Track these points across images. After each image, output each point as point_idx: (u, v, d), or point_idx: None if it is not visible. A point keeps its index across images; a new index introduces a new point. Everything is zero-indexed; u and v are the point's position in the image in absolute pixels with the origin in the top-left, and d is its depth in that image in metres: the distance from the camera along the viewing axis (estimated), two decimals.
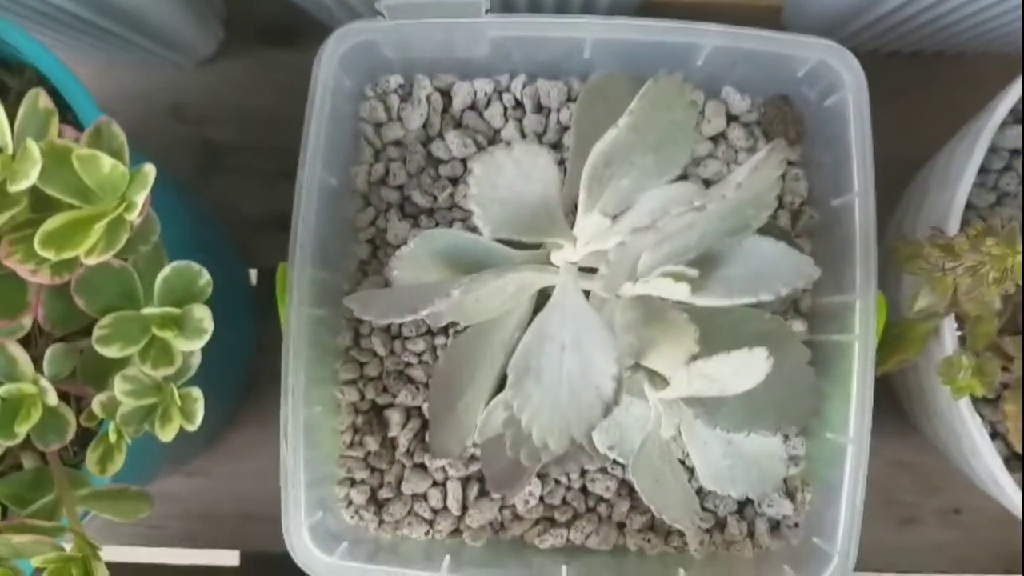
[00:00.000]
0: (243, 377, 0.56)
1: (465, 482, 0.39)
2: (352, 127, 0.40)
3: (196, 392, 0.32)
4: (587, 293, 0.29)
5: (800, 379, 0.31)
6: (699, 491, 0.39)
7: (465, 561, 0.38)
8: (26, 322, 0.30)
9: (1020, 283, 0.32)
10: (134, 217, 0.28)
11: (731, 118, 0.41)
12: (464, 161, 0.40)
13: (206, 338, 0.31)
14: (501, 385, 0.35)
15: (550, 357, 0.26)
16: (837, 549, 0.36)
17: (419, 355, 0.39)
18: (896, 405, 0.53)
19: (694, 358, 0.27)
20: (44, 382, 0.30)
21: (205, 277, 0.31)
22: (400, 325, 0.40)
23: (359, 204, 0.40)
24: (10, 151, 0.27)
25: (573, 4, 0.40)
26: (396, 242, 0.38)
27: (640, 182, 0.27)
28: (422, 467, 0.40)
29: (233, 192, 0.56)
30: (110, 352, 0.30)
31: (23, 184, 0.26)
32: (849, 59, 0.37)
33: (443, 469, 0.39)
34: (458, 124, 0.40)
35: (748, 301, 0.25)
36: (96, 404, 0.31)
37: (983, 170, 0.40)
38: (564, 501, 0.39)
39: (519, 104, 0.40)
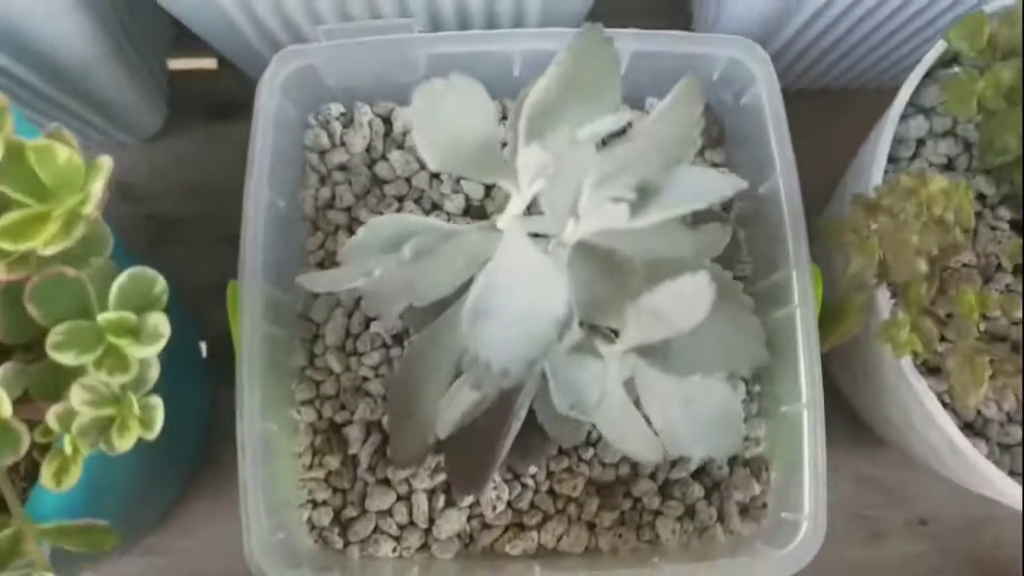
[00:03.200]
0: (200, 446, 0.55)
1: (431, 494, 0.39)
2: (297, 155, 0.41)
3: (155, 400, 0.31)
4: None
5: (746, 324, 0.33)
6: (666, 482, 0.40)
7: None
8: None
9: (938, 220, 0.34)
10: (91, 208, 0.29)
11: None
12: (409, 180, 0.41)
13: (162, 343, 0.31)
14: (459, 375, 0.35)
15: (501, 298, 0.27)
16: (805, 515, 0.36)
17: (375, 368, 0.40)
18: (853, 422, 0.55)
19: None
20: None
21: (161, 284, 0.31)
22: (356, 340, 0.40)
23: (308, 228, 0.41)
24: None
25: (503, 22, 0.43)
26: None
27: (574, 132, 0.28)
28: (385, 482, 0.39)
29: (182, 263, 0.56)
30: (65, 359, 0.29)
31: None
32: (758, 52, 0.40)
33: (407, 482, 0.39)
34: (400, 146, 0.42)
35: (683, 212, 0.27)
36: (51, 416, 0.30)
37: (893, 159, 0.43)
38: (532, 505, 0.39)
39: None
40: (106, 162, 0.29)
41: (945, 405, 0.41)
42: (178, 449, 0.53)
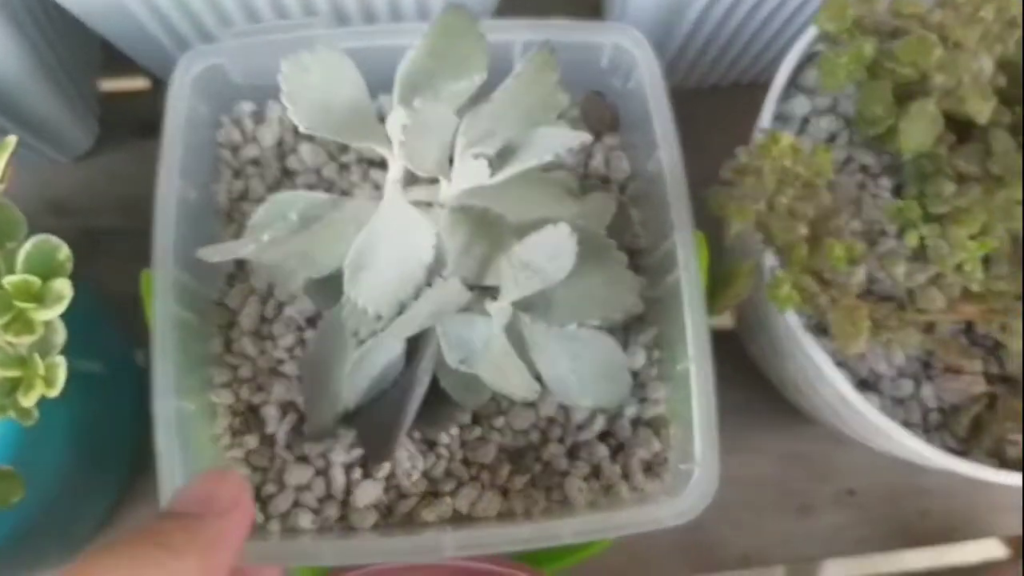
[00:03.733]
0: (134, 453, 0.55)
1: (348, 468, 0.40)
2: (210, 151, 0.43)
3: (59, 360, 0.33)
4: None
5: (619, 276, 0.35)
6: (574, 444, 0.41)
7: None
8: None
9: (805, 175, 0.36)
10: None
11: (559, 115, 0.46)
12: (318, 171, 0.43)
13: (64, 304, 0.32)
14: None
15: (377, 252, 0.29)
16: (696, 462, 0.37)
17: (290, 350, 0.41)
18: (776, 403, 0.57)
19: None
20: None
21: (64, 252, 0.33)
22: (271, 325, 0.41)
23: (222, 220, 0.43)
24: None
25: (407, 15, 0.46)
26: None
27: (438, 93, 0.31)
28: (303, 458, 0.40)
29: (115, 275, 0.57)
30: None
31: None
32: (636, 36, 0.43)
33: (324, 457, 0.40)
34: (311, 139, 0.44)
35: (535, 164, 0.29)
36: None
37: None
38: (447, 472, 0.40)
39: None
40: (11, 141, 0.31)
41: (840, 365, 0.43)
42: (113, 454, 0.54)
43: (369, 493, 0.39)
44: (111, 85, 0.63)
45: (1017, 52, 0.39)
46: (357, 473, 0.40)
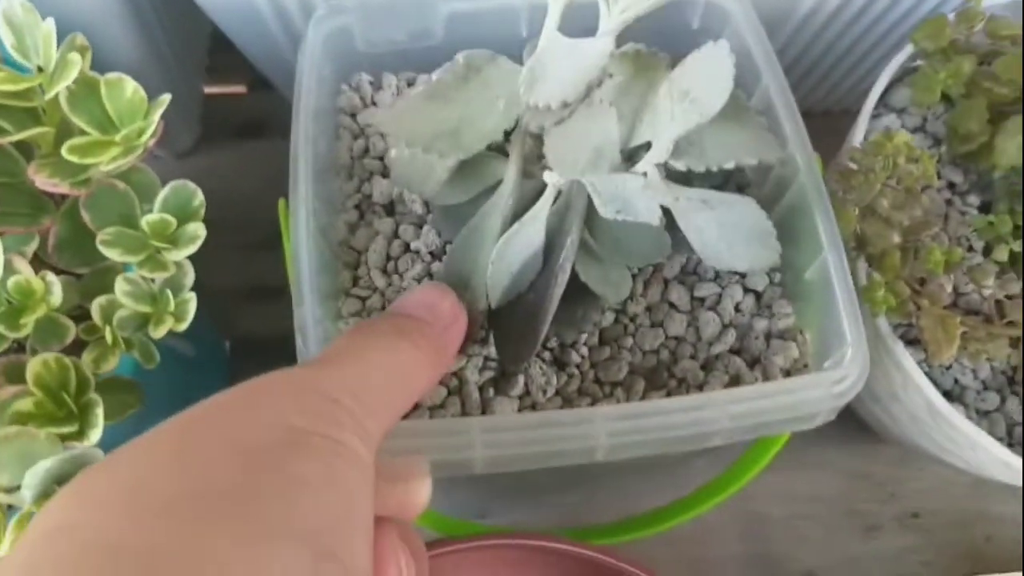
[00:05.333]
0: None
1: (481, 387, 0.39)
2: (332, 119, 0.45)
3: (189, 296, 0.35)
4: None
5: (761, 132, 0.37)
6: (707, 359, 0.41)
7: None
8: (36, 242, 0.33)
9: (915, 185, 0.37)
10: (148, 136, 0.32)
11: None
12: None
13: (197, 245, 0.34)
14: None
15: (550, 68, 0.31)
16: (848, 343, 0.37)
17: (418, 280, 0.41)
18: (846, 421, 0.57)
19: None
20: (51, 276, 0.32)
21: (199, 198, 0.35)
22: (396, 262, 0.42)
23: (344, 176, 0.44)
24: (51, 70, 0.32)
25: None
26: (382, 200, 0.42)
27: None
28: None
29: (210, 266, 0.60)
30: (112, 254, 0.32)
31: (60, 85, 0.30)
32: None
33: (457, 376, 0.39)
34: None
35: None
36: (95, 307, 0.33)
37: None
38: (580, 391, 0.40)
39: None
40: (166, 98, 0.33)
41: (924, 376, 0.43)
42: None
43: (505, 410, 0.39)
44: (212, 89, 0.66)
45: None
46: (490, 392, 0.39)
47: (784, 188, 0.41)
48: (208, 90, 0.66)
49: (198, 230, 0.34)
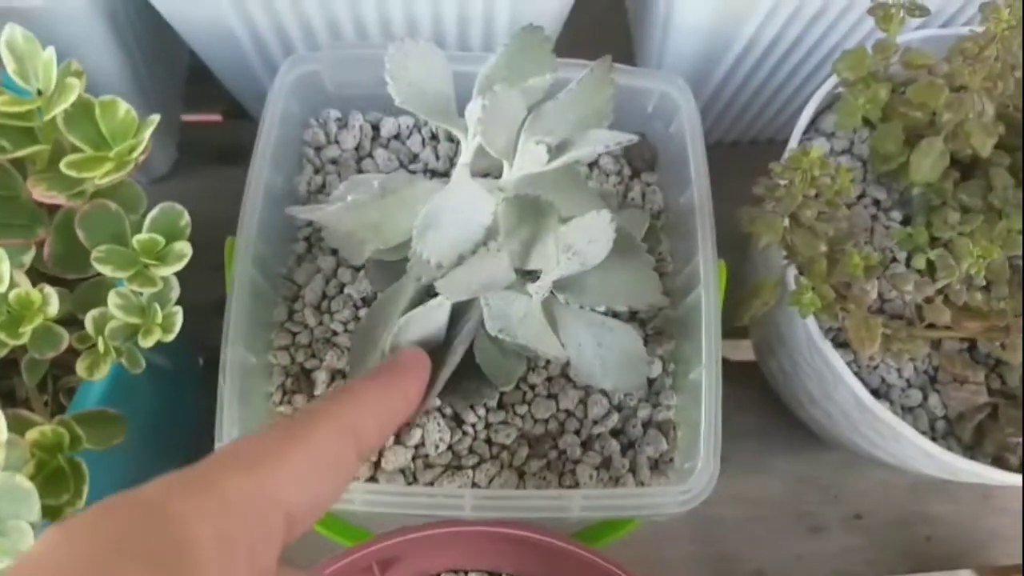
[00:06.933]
0: (189, 447, 0.59)
1: None
2: (297, 150, 0.49)
3: (176, 309, 0.37)
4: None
5: (646, 274, 0.40)
6: (589, 437, 0.45)
7: None
8: (33, 253, 0.36)
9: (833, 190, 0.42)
10: (139, 152, 0.35)
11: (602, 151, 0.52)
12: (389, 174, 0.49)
13: (184, 262, 0.37)
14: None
15: (444, 215, 0.34)
16: (700, 457, 0.41)
17: (345, 324, 0.45)
18: (791, 429, 0.61)
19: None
20: (48, 289, 0.35)
21: (185, 219, 0.38)
22: (331, 301, 0.46)
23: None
24: (50, 93, 0.35)
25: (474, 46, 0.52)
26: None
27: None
28: None
29: (184, 285, 0.62)
30: (105, 270, 0.35)
31: (59, 108, 0.33)
32: (682, 84, 0.49)
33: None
34: (385, 146, 0.49)
35: (588, 153, 0.34)
36: (89, 319, 0.36)
37: None
38: (471, 449, 0.44)
39: (435, 136, 0.50)
40: (155, 118, 0.36)
41: (853, 375, 0.47)
42: (173, 443, 0.58)
43: (399, 458, 0.43)
44: (189, 117, 0.69)
45: (1017, 94, 0.45)
46: (390, 440, 0.43)
47: (692, 286, 0.46)
48: (185, 118, 0.69)
49: (184, 248, 0.37)
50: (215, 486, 0.22)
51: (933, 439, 0.47)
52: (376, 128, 0.50)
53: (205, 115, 0.70)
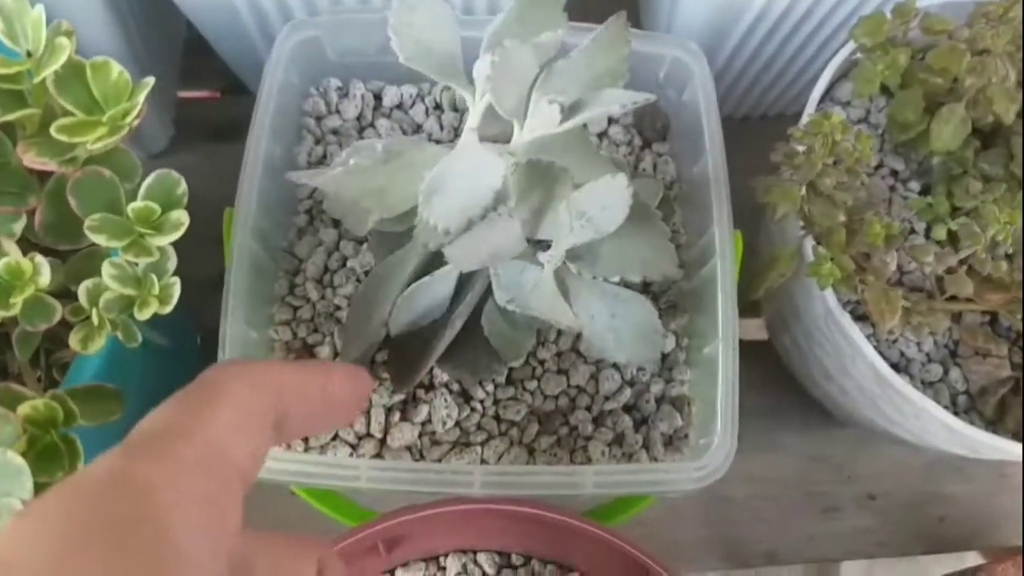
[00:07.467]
0: None
1: (388, 410, 0.42)
2: (297, 120, 0.47)
3: (173, 280, 0.36)
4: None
5: (661, 243, 0.38)
6: (600, 413, 0.44)
7: None
8: (23, 222, 0.34)
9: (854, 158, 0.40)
10: (133, 117, 0.34)
11: (611, 121, 0.51)
12: None
13: (181, 232, 0.36)
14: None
15: (450, 180, 0.32)
16: (717, 433, 0.40)
17: (348, 298, 0.44)
18: (806, 408, 0.59)
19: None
20: (39, 258, 0.34)
21: (182, 187, 0.37)
22: (333, 275, 0.44)
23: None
24: (39, 54, 0.33)
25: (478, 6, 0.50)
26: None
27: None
28: None
29: (181, 261, 0.61)
30: (99, 239, 0.34)
31: (49, 69, 0.32)
32: (695, 50, 0.47)
33: (368, 399, 0.42)
34: (387, 116, 0.48)
35: (601, 113, 0.33)
36: (82, 290, 0.34)
37: None
38: (479, 426, 0.42)
39: (439, 106, 0.49)
40: (150, 80, 0.35)
41: (872, 348, 0.46)
42: None
43: (405, 435, 0.41)
44: (186, 93, 0.67)
45: None
46: (396, 416, 0.42)
47: (707, 258, 0.44)
48: (182, 94, 0.68)
49: (181, 217, 0.36)
50: (169, 453, 0.22)
51: (955, 413, 0.46)
52: (378, 97, 0.49)
53: (202, 91, 0.68)
